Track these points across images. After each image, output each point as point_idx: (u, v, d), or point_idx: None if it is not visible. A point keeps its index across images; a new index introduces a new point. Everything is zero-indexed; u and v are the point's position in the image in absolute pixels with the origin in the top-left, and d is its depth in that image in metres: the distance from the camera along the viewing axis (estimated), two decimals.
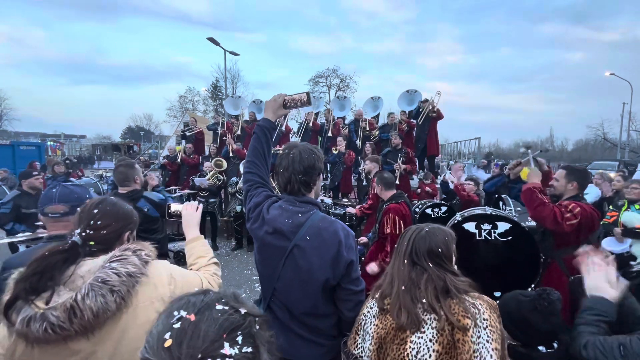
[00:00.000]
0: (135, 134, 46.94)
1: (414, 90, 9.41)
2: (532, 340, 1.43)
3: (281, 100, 1.69)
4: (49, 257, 1.01)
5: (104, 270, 1.03)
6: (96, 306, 0.97)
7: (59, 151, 24.27)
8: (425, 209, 5.09)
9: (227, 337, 0.57)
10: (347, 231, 1.51)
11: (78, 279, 1.04)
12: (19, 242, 3.12)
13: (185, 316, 0.59)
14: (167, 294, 1.12)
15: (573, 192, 2.57)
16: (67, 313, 0.95)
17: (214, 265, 1.52)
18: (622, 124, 28.80)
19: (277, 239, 1.47)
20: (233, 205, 6.64)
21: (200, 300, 0.63)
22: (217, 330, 0.57)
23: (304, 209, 1.50)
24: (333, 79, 34.06)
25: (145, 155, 17.41)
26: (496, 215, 2.94)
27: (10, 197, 4.25)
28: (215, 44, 19.21)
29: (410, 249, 1.31)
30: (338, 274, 1.46)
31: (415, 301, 1.21)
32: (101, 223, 1.19)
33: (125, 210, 1.30)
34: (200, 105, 37.72)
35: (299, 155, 1.51)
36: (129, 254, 1.09)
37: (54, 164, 6.91)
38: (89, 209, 1.21)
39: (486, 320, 1.15)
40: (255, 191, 1.61)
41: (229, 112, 11.45)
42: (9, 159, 13.50)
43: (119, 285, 1.02)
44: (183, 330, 0.57)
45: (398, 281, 1.28)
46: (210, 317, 0.59)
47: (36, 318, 0.93)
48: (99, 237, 1.17)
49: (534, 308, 1.42)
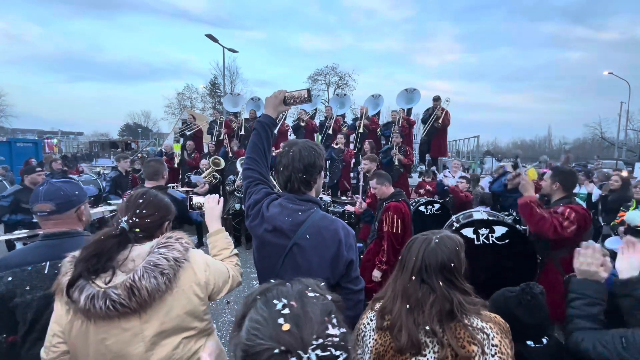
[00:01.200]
0: (133, 131, 46.72)
1: (413, 88, 9.42)
2: (520, 335, 1.42)
3: (282, 96, 1.68)
4: (105, 240, 1.11)
5: (154, 255, 1.14)
6: (150, 286, 1.08)
7: (56, 148, 24.13)
8: (418, 207, 5.11)
9: (328, 319, 0.63)
10: (347, 230, 1.50)
11: (130, 262, 1.14)
12: (16, 240, 3.11)
13: (289, 303, 0.63)
14: (203, 279, 1.25)
15: (560, 194, 2.63)
16: (127, 291, 1.05)
17: (235, 256, 1.62)
18: (619, 123, 28.96)
19: (276, 237, 1.46)
20: (231, 203, 6.63)
21: (290, 289, 0.68)
22: (320, 315, 0.63)
23: (304, 207, 1.49)
24: (332, 76, 34.10)
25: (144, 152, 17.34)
26: (493, 220, 2.97)
27: (11, 191, 4.25)
28: (214, 41, 19.13)
29: (420, 265, 1.17)
30: (337, 273, 1.45)
31: (417, 324, 1.11)
32: (146, 212, 1.28)
33: (166, 202, 1.40)
34: (198, 102, 37.71)
35: (299, 153, 1.48)
36: (173, 242, 1.20)
37: (52, 161, 6.87)
38: (135, 199, 1.31)
39: (495, 346, 1.05)
40: (254, 188, 1.59)
41: (228, 109, 11.42)
42: (6, 156, 13.40)
43: (168, 269, 1.13)
44: (296, 314, 0.61)
45: (402, 299, 1.17)
46: (310, 303, 0.64)
47: (99, 296, 1.03)
48: (143, 225, 1.26)
49: (519, 303, 1.44)
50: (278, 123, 8.54)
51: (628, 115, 29.50)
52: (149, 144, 25.79)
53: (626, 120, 29.42)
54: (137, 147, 24.67)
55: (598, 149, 40.33)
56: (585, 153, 40.65)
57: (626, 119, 29.30)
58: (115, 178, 5.70)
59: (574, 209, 2.45)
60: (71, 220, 1.53)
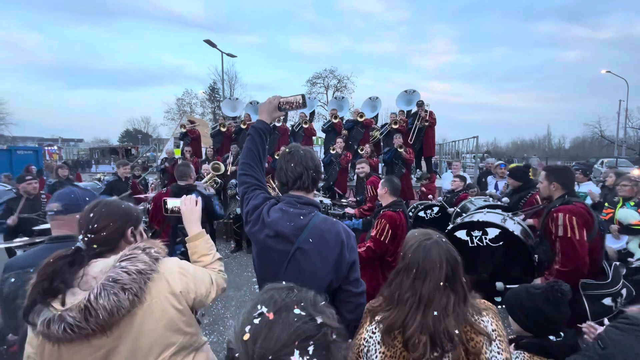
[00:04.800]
0: (133, 137, 46.82)
1: (412, 90, 9.43)
2: (544, 330, 1.50)
3: (276, 102, 1.67)
4: (53, 263, 1.06)
5: (115, 270, 1.06)
6: (109, 304, 1.00)
7: (56, 155, 24.15)
8: (418, 212, 5.11)
9: (299, 344, 0.57)
10: (349, 232, 1.50)
11: (91, 280, 1.07)
12: (17, 248, 3.12)
13: (265, 313, 0.61)
14: (179, 289, 1.17)
15: (559, 192, 2.53)
16: (83, 313, 0.98)
17: (218, 261, 1.52)
18: (618, 121, 28.97)
19: (278, 242, 1.44)
20: (232, 208, 6.63)
21: (282, 298, 0.65)
22: (289, 336, 0.58)
23: (305, 210, 1.48)
24: (330, 80, 34.08)
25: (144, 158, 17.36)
26: (484, 222, 2.96)
27: (4, 199, 4.26)
28: (212, 46, 19.22)
29: (447, 271, 1.15)
30: (341, 275, 1.45)
31: (443, 330, 1.09)
32: (98, 226, 1.21)
33: (122, 208, 1.30)
34: (198, 107, 37.69)
35: (310, 153, 1.53)
36: (138, 252, 1.12)
37: (58, 168, 6.84)
38: (86, 214, 1.23)
39: (495, 331, 1.13)
40: (252, 193, 1.57)
41: (227, 114, 11.45)
42: (6, 164, 13.42)
43: (130, 283, 1.05)
44: (260, 328, 0.58)
45: (428, 307, 1.12)
46: (286, 320, 0.60)
47: (54, 319, 0.98)
48: (100, 239, 1.20)
49: (547, 299, 1.49)
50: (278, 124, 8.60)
51: (627, 113, 29.54)
52: (149, 149, 25.80)
53: (625, 119, 29.48)
54: (137, 152, 24.69)
55: (598, 148, 40.36)
56: (584, 152, 40.67)
57: (625, 117, 29.35)
58: (111, 182, 5.68)
59: (574, 212, 2.34)
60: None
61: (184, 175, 3.54)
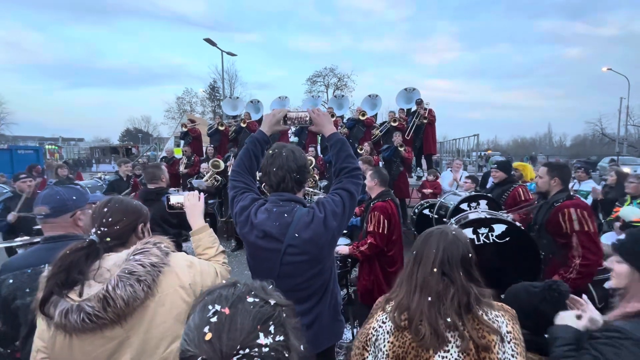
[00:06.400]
0: (134, 136, 46.86)
1: (412, 88, 9.40)
2: (540, 329, 1.50)
3: (280, 115, 1.71)
4: (71, 254, 1.09)
5: (130, 263, 1.11)
6: (126, 295, 1.05)
7: (57, 154, 24.18)
8: (422, 210, 5.09)
9: (261, 327, 0.60)
10: (324, 205, 1.53)
11: (105, 272, 1.11)
12: (17, 247, 3.12)
13: (220, 310, 0.61)
14: (188, 282, 1.22)
15: (558, 188, 2.62)
16: (101, 303, 1.03)
17: (222, 254, 1.58)
18: (619, 119, 28.93)
19: (268, 242, 1.50)
20: None
21: (231, 293, 0.66)
22: (251, 322, 0.60)
23: (288, 207, 1.53)
24: (331, 78, 34.14)
25: (144, 157, 17.39)
26: (490, 218, 2.95)
27: (1, 198, 4.26)
28: (212, 45, 19.19)
29: (442, 258, 1.17)
30: (338, 232, 1.54)
31: (438, 316, 1.11)
32: (112, 220, 1.26)
33: (133, 205, 1.36)
34: (198, 106, 37.75)
35: (292, 154, 1.54)
36: (151, 247, 1.17)
37: (57, 167, 6.82)
38: (100, 209, 1.28)
39: (510, 333, 1.11)
40: (241, 196, 1.63)
41: (227, 113, 11.45)
42: (7, 163, 13.46)
43: (145, 275, 1.10)
44: (221, 324, 0.59)
45: (421, 292, 1.16)
46: (243, 310, 0.62)
47: (73, 309, 1.02)
48: (113, 233, 1.25)
49: (544, 298, 1.50)
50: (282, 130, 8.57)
51: (628, 111, 29.48)
52: (150, 148, 25.79)
53: (626, 116, 29.46)
54: (138, 152, 24.71)
55: (599, 146, 40.29)
56: (586, 150, 40.59)
57: (626, 114, 29.33)
58: (112, 182, 5.70)
59: (579, 205, 2.44)
60: (67, 225, 1.54)
61: (154, 178, 3.24)
